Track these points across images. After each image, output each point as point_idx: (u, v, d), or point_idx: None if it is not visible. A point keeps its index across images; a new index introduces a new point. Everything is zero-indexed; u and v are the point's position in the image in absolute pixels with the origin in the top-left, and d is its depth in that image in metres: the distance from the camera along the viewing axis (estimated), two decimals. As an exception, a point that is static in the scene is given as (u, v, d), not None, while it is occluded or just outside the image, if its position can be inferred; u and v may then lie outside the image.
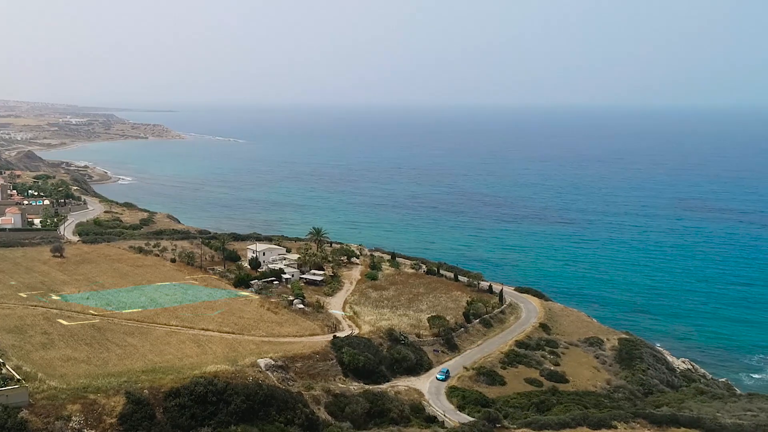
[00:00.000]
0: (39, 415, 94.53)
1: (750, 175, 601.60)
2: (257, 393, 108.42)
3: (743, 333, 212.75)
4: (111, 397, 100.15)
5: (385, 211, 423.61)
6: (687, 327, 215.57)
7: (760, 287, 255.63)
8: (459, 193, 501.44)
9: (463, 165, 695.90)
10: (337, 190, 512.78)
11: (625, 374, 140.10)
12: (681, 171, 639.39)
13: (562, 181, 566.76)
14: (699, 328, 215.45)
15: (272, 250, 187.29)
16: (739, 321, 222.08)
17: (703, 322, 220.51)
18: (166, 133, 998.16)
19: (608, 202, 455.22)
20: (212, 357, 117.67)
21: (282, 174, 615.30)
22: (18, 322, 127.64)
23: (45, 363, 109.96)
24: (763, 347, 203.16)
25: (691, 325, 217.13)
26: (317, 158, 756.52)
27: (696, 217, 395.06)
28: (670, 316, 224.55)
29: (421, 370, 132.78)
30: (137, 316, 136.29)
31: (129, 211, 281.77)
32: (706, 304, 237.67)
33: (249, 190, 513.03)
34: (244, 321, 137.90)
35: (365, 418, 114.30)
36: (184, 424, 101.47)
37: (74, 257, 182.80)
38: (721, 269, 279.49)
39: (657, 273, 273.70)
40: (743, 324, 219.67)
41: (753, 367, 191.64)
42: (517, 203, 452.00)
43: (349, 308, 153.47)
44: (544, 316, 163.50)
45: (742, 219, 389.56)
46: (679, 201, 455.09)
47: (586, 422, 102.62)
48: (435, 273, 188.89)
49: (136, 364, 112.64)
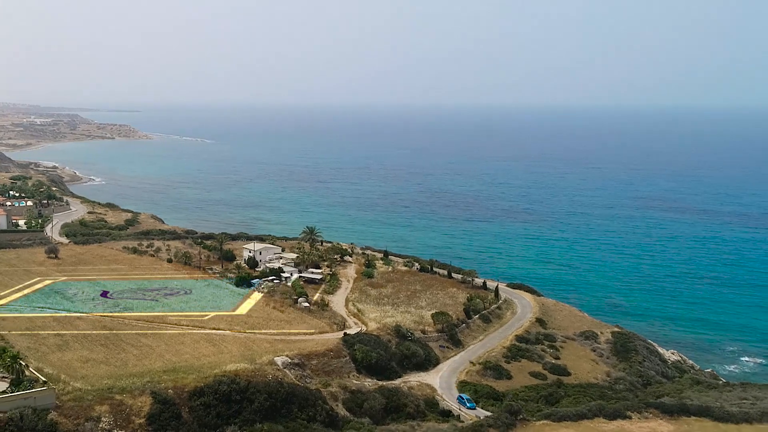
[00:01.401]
0: (68, 417, 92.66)
1: (709, 173, 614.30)
2: (278, 391, 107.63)
3: (713, 325, 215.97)
4: (137, 397, 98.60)
5: (358, 210, 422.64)
6: (661, 321, 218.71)
7: (726, 279, 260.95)
8: (429, 192, 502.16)
9: (431, 164, 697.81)
10: (308, 190, 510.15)
11: (622, 366, 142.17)
12: (643, 170, 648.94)
13: (528, 180, 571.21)
14: (671, 321, 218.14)
15: (268, 249, 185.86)
16: (708, 313, 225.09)
17: (675, 315, 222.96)
18: (133, 133, 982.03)
19: (574, 200, 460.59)
20: (229, 356, 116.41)
21: (252, 174, 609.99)
22: (29, 323, 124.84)
23: (64, 365, 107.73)
24: (734, 338, 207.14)
25: (664, 319, 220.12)
26: (287, 158, 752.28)
27: (658, 215, 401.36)
28: (645, 310, 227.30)
29: (429, 365, 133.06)
30: (146, 316, 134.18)
31: (112, 211, 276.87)
32: (677, 298, 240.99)
33: (221, 190, 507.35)
34: (253, 320, 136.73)
35: (383, 414, 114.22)
36: (210, 423, 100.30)
37: (69, 258, 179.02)
38: (690, 265, 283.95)
39: (626, 269, 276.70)
40: (713, 316, 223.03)
41: (728, 359, 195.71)
42: (486, 202, 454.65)
43: (353, 306, 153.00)
44: (539, 311, 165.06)
45: (703, 216, 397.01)
46: (642, 199, 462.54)
47: (602, 413, 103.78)
48: (428, 270, 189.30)
49: (155, 364, 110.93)
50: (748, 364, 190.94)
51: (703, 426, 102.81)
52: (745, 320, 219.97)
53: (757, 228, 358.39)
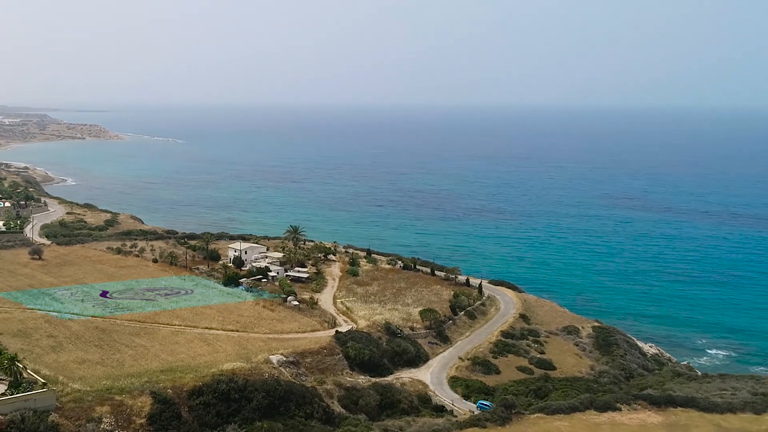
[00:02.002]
0: (69, 418, 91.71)
1: (670, 171, 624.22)
2: (276, 389, 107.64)
3: (683, 320, 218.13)
4: (137, 397, 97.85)
5: (332, 210, 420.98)
6: (633, 316, 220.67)
7: (692, 276, 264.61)
8: (402, 192, 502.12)
9: (403, 163, 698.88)
10: (281, 190, 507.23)
11: (605, 360, 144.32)
12: (606, 168, 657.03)
13: (498, 179, 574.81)
14: (642, 316, 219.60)
15: (253, 249, 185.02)
16: (677, 309, 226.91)
17: (646, 310, 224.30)
18: (104, 133, 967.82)
19: (543, 198, 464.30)
20: (224, 355, 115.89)
21: (225, 174, 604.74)
22: (20, 325, 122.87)
23: (60, 366, 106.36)
24: (702, 332, 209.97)
25: (636, 315, 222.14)
26: (258, 158, 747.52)
27: (625, 213, 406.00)
28: (618, 306, 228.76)
29: (419, 362, 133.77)
30: (137, 316, 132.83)
31: (91, 212, 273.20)
32: (648, 294, 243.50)
33: (194, 189, 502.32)
34: (245, 319, 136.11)
35: (377, 410, 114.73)
36: (210, 422, 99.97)
37: (54, 259, 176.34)
38: (657, 262, 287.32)
39: (597, 266, 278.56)
40: (681, 311, 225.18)
41: (698, 352, 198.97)
42: (458, 201, 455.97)
43: (341, 304, 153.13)
44: (521, 307, 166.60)
45: (665, 213, 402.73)
46: (609, 197, 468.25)
47: (593, 405, 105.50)
48: (411, 268, 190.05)
49: (151, 364, 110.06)
50: (717, 356, 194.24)
51: (690, 416, 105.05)
52: (711, 315, 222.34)
53: (719, 225, 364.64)
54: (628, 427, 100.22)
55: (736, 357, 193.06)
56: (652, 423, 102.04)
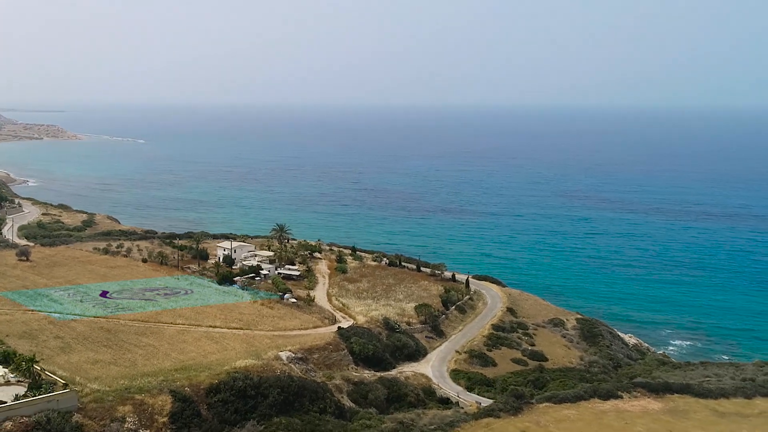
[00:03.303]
0: (93, 419, 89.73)
1: (622, 169, 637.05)
2: (290, 385, 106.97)
3: (645, 311, 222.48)
4: (156, 396, 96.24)
5: (299, 209, 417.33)
6: (597, 309, 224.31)
7: (651, 269, 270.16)
8: (365, 191, 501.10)
9: (362, 162, 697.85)
10: (246, 190, 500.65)
11: (593, 350, 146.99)
12: (561, 167, 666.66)
13: (458, 177, 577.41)
14: (610, 309, 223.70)
15: (243, 248, 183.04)
16: (637, 300, 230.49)
17: (608, 304, 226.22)
18: (62, 133, 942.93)
19: (503, 195, 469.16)
20: (234, 353, 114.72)
21: (189, 174, 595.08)
22: (25, 327, 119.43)
23: (73, 367, 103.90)
24: (665, 324, 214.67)
25: (599, 308, 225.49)
26: (220, 158, 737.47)
27: (581, 208, 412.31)
28: (584, 300, 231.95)
29: (419, 356, 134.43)
30: (140, 316, 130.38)
31: (66, 212, 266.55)
32: (613, 287, 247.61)
33: (159, 190, 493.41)
34: (247, 317, 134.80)
35: (386, 404, 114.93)
36: (230, 418, 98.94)
37: (42, 260, 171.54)
38: (618, 255, 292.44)
39: (560, 262, 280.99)
40: (643, 302, 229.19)
41: (664, 342, 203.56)
42: (421, 199, 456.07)
43: (336, 300, 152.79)
44: (507, 301, 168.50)
45: (618, 208, 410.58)
46: (563, 193, 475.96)
47: (597, 394, 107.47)
48: (397, 265, 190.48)
49: (164, 363, 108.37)
50: (682, 346, 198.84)
51: (687, 402, 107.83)
52: (671, 308, 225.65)
53: (669, 219, 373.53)
54: (632, 414, 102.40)
55: (700, 347, 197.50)
56: (653, 409, 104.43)
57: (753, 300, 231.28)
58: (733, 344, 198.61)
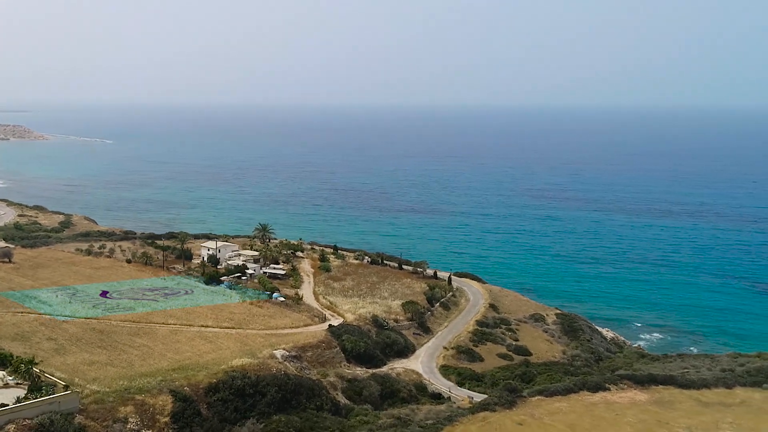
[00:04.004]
0: (95, 420, 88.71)
1: (585, 167, 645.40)
2: (286, 383, 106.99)
3: (615, 306, 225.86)
4: (156, 396, 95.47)
5: (272, 209, 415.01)
6: (574, 303, 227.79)
7: (618, 264, 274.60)
8: (336, 190, 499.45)
9: (331, 162, 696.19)
10: (218, 190, 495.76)
11: (574, 344, 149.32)
12: (523, 165, 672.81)
13: (425, 176, 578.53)
14: (583, 304, 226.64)
15: (227, 247, 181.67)
16: (605, 295, 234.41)
17: (579, 299, 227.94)
18: (28, 134, 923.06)
19: (470, 194, 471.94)
20: (229, 352, 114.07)
21: (159, 174, 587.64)
22: (16, 329, 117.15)
23: (69, 368, 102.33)
24: (635, 317, 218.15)
25: (571, 303, 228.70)
26: (189, 158, 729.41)
27: (546, 205, 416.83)
28: (556, 297, 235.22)
29: (408, 352, 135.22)
30: (131, 317, 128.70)
31: (42, 213, 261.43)
32: (579, 283, 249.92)
33: (130, 190, 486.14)
34: (237, 316, 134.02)
35: (379, 400, 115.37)
36: (230, 417, 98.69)
37: (25, 262, 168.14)
38: (586, 251, 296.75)
39: (531, 259, 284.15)
40: (614, 300, 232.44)
41: (636, 335, 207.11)
42: (392, 198, 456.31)
43: (324, 299, 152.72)
44: (489, 297, 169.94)
45: (584, 206, 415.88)
46: (528, 191, 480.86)
47: (586, 387, 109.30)
48: (378, 263, 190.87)
49: (160, 363, 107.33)
50: (653, 339, 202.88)
51: (671, 393, 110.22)
52: (638, 303, 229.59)
53: (632, 216, 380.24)
54: (620, 405, 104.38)
55: (670, 339, 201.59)
56: (640, 400, 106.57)
57: (715, 294, 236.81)
58: (699, 336, 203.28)
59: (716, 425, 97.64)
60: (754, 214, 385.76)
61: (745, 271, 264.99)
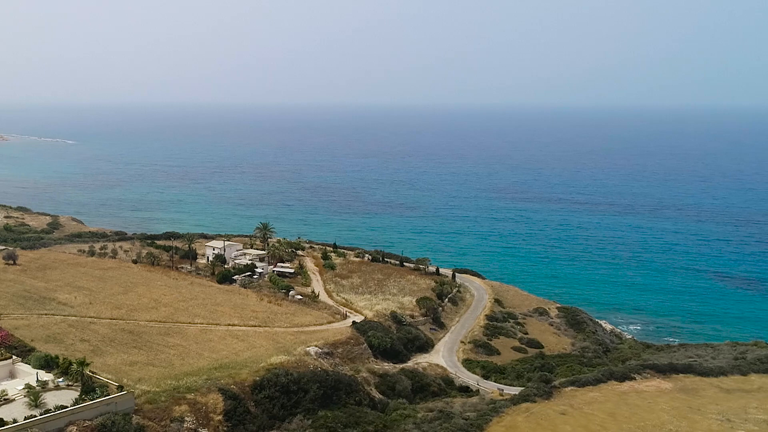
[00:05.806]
0: (152, 420, 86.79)
1: (543, 166, 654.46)
2: (326, 379, 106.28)
3: (595, 300, 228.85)
4: (206, 395, 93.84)
5: (247, 209, 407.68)
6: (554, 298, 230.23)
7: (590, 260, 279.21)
8: (307, 190, 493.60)
9: (297, 162, 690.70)
10: (189, 190, 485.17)
11: (582, 337, 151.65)
12: (485, 164, 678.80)
13: (392, 175, 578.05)
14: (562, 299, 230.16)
15: (232, 246, 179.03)
16: (587, 290, 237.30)
17: (558, 294, 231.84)
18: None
19: (442, 192, 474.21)
20: (263, 350, 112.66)
21: (124, 175, 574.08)
22: (46, 331, 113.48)
23: (111, 369, 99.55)
24: (615, 311, 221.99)
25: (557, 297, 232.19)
26: (156, 158, 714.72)
27: (512, 204, 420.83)
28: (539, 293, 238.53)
29: (428, 347, 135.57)
30: (156, 316, 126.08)
31: (29, 215, 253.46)
32: (556, 278, 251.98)
33: (98, 191, 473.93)
34: (260, 314, 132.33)
35: (411, 394, 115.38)
36: (278, 414, 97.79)
37: (30, 264, 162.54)
38: (562, 247, 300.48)
39: (507, 255, 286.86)
40: (591, 291, 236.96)
41: (619, 327, 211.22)
42: (363, 197, 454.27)
43: (338, 296, 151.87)
44: (492, 292, 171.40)
45: (552, 204, 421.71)
46: (496, 190, 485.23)
47: (613, 376, 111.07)
48: (380, 260, 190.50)
49: (200, 362, 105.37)
50: (635, 331, 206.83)
51: (693, 381, 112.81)
52: (614, 295, 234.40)
53: (601, 213, 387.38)
54: (649, 393, 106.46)
55: (651, 330, 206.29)
56: (666, 388, 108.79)
57: (685, 286, 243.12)
58: (677, 327, 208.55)
59: (744, 410, 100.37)
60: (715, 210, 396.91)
61: (709, 263, 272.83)
